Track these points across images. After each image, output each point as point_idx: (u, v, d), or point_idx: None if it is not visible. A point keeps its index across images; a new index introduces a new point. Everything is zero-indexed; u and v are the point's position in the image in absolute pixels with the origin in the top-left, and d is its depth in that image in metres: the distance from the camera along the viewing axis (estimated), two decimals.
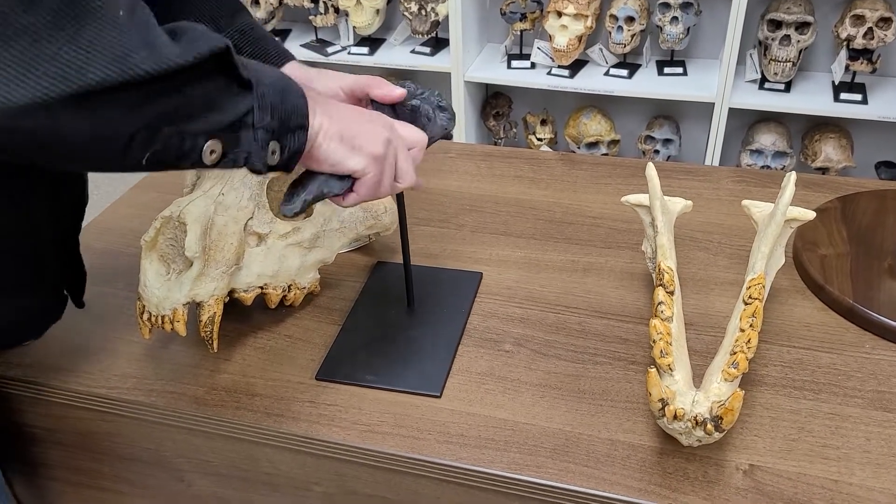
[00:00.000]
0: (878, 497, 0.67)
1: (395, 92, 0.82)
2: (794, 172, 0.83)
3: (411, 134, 0.77)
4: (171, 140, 0.56)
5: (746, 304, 0.77)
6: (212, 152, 0.59)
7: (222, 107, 0.59)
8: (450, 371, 0.82)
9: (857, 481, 0.69)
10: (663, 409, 0.68)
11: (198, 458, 0.85)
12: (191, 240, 0.79)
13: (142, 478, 0.91)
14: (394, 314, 0.91)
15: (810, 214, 0.85)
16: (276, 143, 0.63)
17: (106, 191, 3.13)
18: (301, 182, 0.72)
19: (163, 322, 0.80)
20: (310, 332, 0.89)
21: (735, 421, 0.67)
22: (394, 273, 0.96)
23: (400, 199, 0.84)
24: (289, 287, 0.89)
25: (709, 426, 0.66)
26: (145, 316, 0.81)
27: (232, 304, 0.87)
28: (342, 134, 0.69)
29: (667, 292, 0.77)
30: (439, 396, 0.80)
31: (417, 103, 0.82)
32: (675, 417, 0.67)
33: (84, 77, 0.49)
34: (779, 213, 0.81)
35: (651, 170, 0.87)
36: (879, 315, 0.84)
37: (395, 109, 0.82)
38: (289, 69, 0.87)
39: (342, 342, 0.87)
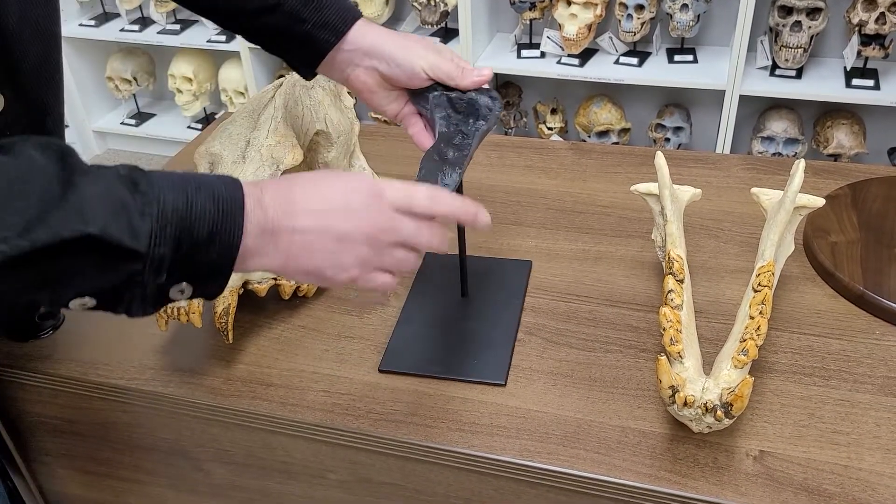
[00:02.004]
0: (887, 482, 0.68)
1: (484, 73, 0.81)
2: (803, 160, 0.84)
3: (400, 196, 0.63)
4: (37, 302, 0.54)
5: (756, 291, 0.77)
6: (82, 305, 0.55)
7: (97, 276, 0.53)
8: (511, 359, 0.83)
9: (867, 466, 0.70)
10: (673, 396, 0.68)
11: (215, 447, 0.86)
12: None
13: (160, 467, 0.92)
14: (448, 304, 0.91)
15: (819, 202, 0.85)
16: (186, 285, 0.56)
17: None
18: (424, 182, 0.74)
19: (179, 314, 0.81)
20: (323, 323, 0.90)
21: (745, 407, 0.68)
22: (442, 264, 0.97)
23: (458, 187, 0.84)
24: None
25: (719, 413, 0.67)
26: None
27: (246, 296, 0.88)
28: (307, 271, 0.60)
29: (676, 280, 0.78)
30: (504, 385, 0.80)
31: (474, 96, 0.83)
32: (686, 404, 0.68)
33: None
34: (788, 201, 0.82)
35: (660, 158, 0.87)
36: (889, 301, 0.85)
37: (453, 105, 0.82)
38: (358, 30, 0.82)
39: (401, 334, 0.87)
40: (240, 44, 2.68)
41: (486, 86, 0.84)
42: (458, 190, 0.84)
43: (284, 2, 0.80)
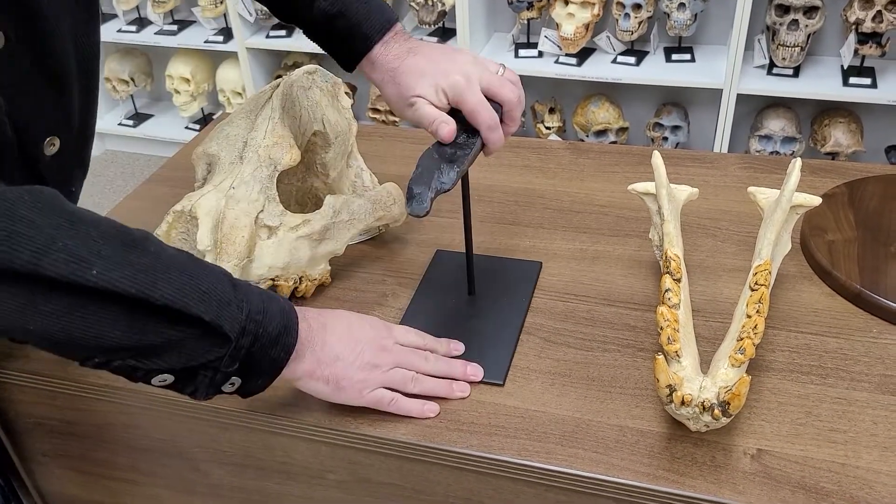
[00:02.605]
0: (885, 479, 0.68)
1: (510, 130, 0.84)
2: (799, 159, 0.84)
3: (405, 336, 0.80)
4: (124, 369, 0.61)
5: (753, 290, 0.77)
6: (162, 381, 0.63)
7: (189, 352, 0.62)
8: (512, 360, 0.83)
9: (864, 464, 0.70)
10: (671, 394, 0.68)
11: (213, 447, 0.87)
12: (203, 233, 0.80)
13: (159, 468, 0.92)
14: (455, 303, 0.91)
15: (816, 200, 0.85)
16: (238, 378, 0.66)
17: (118, 185, 3.15)
18: (418, 179, 0.75)
19: None
20: None
21: (742, 406, 0.68)
22: (450, 262, 0.97)
23: (465, 184, 0.84)
24: (300, 279, 0.90)
25: (716, 411, 0.67)
26: None
27: None
28: (328, 377, 0.72)
29: (674, 279, 0.78)
30: (502, 385, 0.80)
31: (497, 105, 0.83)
32: (683, 403, 0.68)
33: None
34: (784, 200, 0.82)
35: (657, 158, 0.87)
36: (887, 300, 0.85)
37: (453, 115, 0.82)
38: (384, 44, 0.85)
39: None
40: (237, 44, 2.68)
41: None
42: (465, 189, 0.84)
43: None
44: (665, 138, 2.39)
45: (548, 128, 2.51)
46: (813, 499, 0.67)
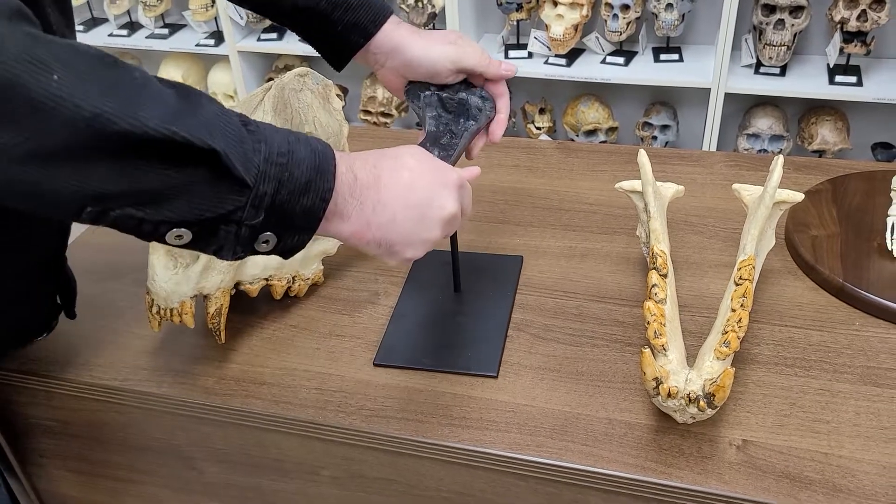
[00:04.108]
0: (866, 468, 0.70)
1: (511, 70, 0.85)
2: (781, 156, 0.85)
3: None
4: (125, 220, 0.52)
5: (737, 284, 0.79)
6: (177, 237, 0.54)
7: (201, 201, 0.53)
8: (503, 352, 0.85)
9: (847, 454, 0.71)
10: (657, 387, 0.70)
11: (208, 445, 0.88)
12: None
13: (154, 467, 0.93)
14: (442, 299, 0.93)
15: (799, 196, 0.87)
16: (272, 235, 0.57)
17: None
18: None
19: (171, 315, 0.82)
20: (315, 322, 0.91)
21: (727, 397, 0.69)
22: (435, 260, 0.98)
23: None
24: (293, 278, 0.91)
25: (701, 403, 0.69)
26: (154, 309, 0.83)
27: (238, 296, 0.89)
28: (379, 241, 0.63)
29: (660, 275, 0.79)
30: (496, 377, 0.82)
31: (465, 96, 0.84)
32: (669, 395, 0.69)
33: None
34: (767, 196, 0.83)
35: (643, 156, 0.89)
36: (868, 293, 0.86)
37: (444, 105, 0.84)
38: (389, 29, 0.84)
39: (395, 329, 0.89)
40: (228, 47, 2.69)
41: (482, 92, 0.86)
42: None
43: (318, 4, 0.82)
44: (654, 137, 2.41)
45: (538, 128, 2.52)
46: (797, 487, 0.68)
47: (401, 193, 0.64)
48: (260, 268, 0.87)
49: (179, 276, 0.82)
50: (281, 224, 0.57)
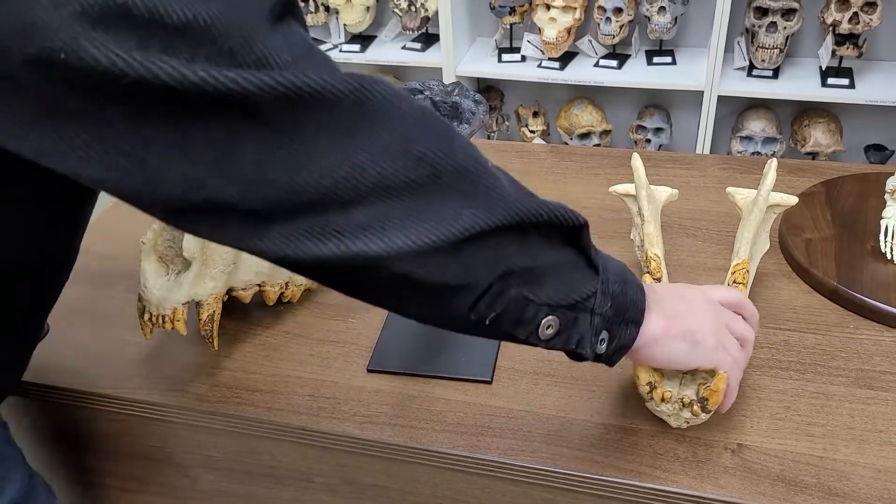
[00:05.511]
0: (861, 472, 0.70)
1: None
2: (775, 160, 0.85)
3: (729, 296, 0.71)
4: (516, 304, 0.53)
5: None
6: (548, 327, 0.55)
7: (570, 282, 0.56)
8: (497, 357, 0.84)
9: (842, 457, 0.71)
10: (651, 392, 0.70)
11: (202, 453, 0.87)
12: (189, 241, 0.81)
13: (147, 475, 0.93)
14: None
15: (793, 200, 0.87)
16: (607, 333, 0.59)
17: (103, 195, 3.14)
18: None
19: (163, 321, 0.82)
20: (308, 328, 0.91)
21: (721, 401, 0.69)
22: None
23: None
24: (286, 284, 0.91)
25: (695, 407, 0.69)
26: (146, 316, 0.82)
27: (231, 303, 0.89)
28: (684, 332, 0.64)
29: (654, 279, 0.79)
30: (490, 382, 0.81)
31: (458, 100, 0.84)
32: (663, 400, 0.69)
33: (458, 222, 0.47)
34: (761, 199, 0.83)
35: (636, 160, 0.89)
36: (863, 296, 0.86)
37: (437, 109, 0.83)
38: None
39: (389, 335, 0.88)
40: None
41: (475, 96, 0.85)
42: None
43: None
44: (648, 140, 2.41)
45: (532, 131, 2.53)
46: (792, 491, 0.68)
47: (672, 291, 0.66)
48: (252, 274, 0.87)
49: (171, 282, 0.81)
50: (617, 316, 0.59)
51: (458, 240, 0.47)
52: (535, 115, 2.53)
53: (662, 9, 2.19)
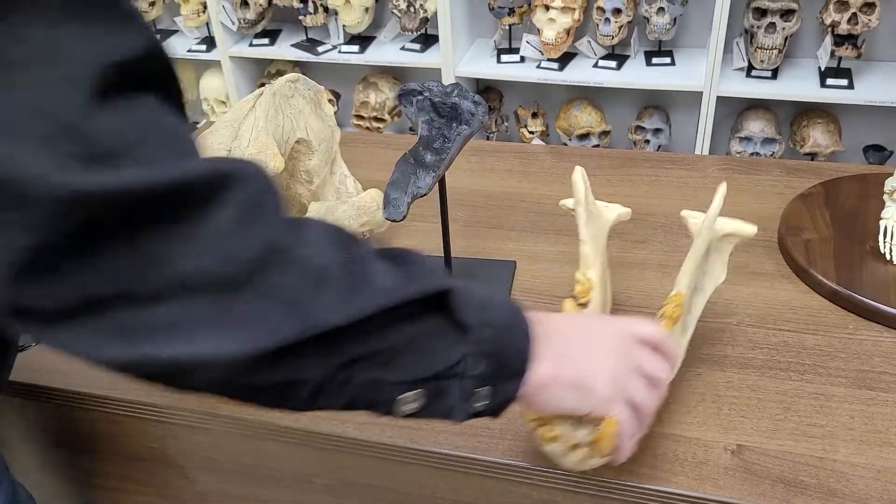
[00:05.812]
0: (861, 472, 0.70)
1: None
2: (724, 183, 0.76)
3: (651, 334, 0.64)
4: (366, 387, 0.50)
5: (660, 320, 0.71)
6: (411, 401, 0.51)
7: (431, 354, 0.51)
8: None
9: (842, 458, 0.71)
10: (539, 429, 0.64)
11: (201, 454, 0.87)
12: None
13: (146, 476, 0.93)
14: None
15: (751, 229, 0.78)
16: (488, 389, 0.54)
17: None
18: (395, 185, 0.76)
19: None
20: None
21: (614, 448, 0.61)
22: None
23: (442, 188, 0.85)
24: None
25: (584, 450, 0.63)
26: None
27: None
28: (574, 380, 0.58)
29: (579, 304, 0.71)
30: None
31: (457, 101, 0.84)
32: (551, 439, 0.64)
33: (281, 332, 0.44)
34: (705, 230, 0.75)
35: (577, 174, 0.78)
36: (862, 296, 0.86)
37: (437, 109, 0.83)
38: None
39: None
40: (220, 53, 2.68)
41: (475, 97, 0.86)
42: (442, 194, 0.85)
43: None
44: (647, 141, 2.41)
45: (531, 132, 2.53)
46: (792, 492, 0.68)
47: (578, 325, 0.62)
48: None
49: None
50: (496, 373, 0.53)
51: (279, 347, 0.44)
52: (535, 115, 2.53)
53: (661, 9, 2.19)
